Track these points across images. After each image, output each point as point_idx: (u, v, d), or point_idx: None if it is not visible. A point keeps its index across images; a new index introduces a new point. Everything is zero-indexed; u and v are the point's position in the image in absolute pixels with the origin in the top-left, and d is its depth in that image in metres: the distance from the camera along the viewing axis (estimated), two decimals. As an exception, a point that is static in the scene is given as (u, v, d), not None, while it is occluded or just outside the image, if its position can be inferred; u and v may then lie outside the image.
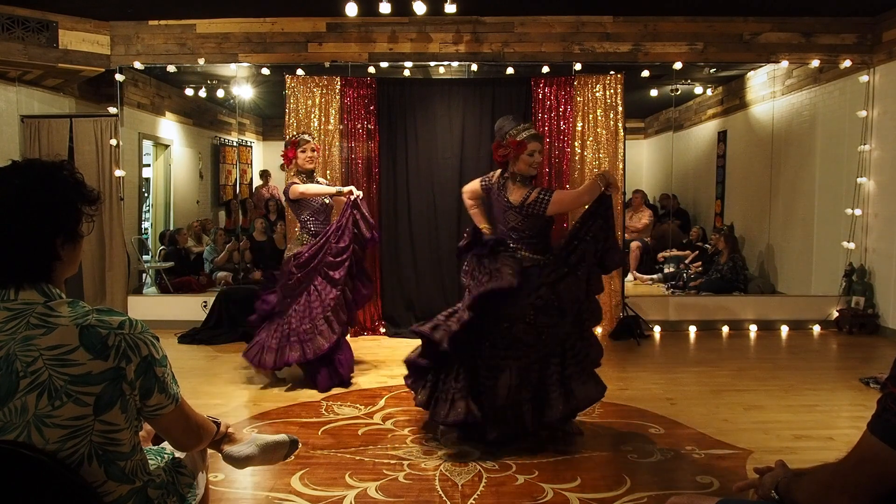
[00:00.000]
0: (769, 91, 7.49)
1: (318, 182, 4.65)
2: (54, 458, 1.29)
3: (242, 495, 2.86)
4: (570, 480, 2.95)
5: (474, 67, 6.42)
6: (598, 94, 6.30)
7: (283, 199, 7.38)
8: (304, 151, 4.52)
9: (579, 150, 6.29)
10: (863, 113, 6.37)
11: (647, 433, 3.57)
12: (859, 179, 6.43)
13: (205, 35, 6.33)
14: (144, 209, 7.83)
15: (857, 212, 6.44)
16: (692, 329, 6.49)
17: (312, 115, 6.25)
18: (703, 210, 9.00)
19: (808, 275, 7.11)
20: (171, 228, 8.08)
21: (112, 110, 6.46)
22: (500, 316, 3.30)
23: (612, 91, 6.30)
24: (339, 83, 6.26)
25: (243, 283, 6.98)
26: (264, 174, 9.49)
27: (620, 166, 6.26)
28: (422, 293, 6.41)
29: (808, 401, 4.19)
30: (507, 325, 3.29)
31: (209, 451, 1.85)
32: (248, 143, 9.60)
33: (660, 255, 8.17)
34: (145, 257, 7.59)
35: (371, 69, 6.42)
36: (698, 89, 8.48)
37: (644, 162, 10.29)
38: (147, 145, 7.82)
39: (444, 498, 2.78)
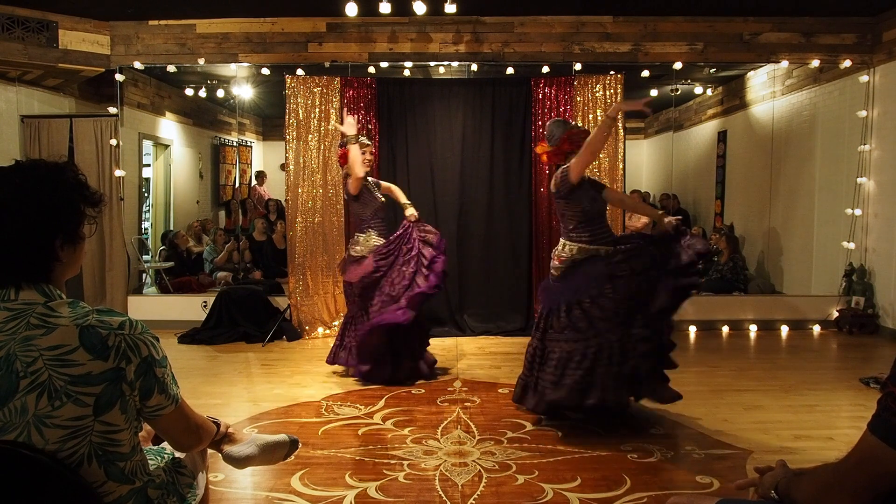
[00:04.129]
0: (769, 91, 7.48)
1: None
2: (54, 459, 1.29)
3: (242, 495, 2.86)
4: (570, 480, 2.95)
5: (474, 67, 6.42)
6: (598, 94, 6.30)
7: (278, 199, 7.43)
8: (363, 153, 4.54)
9: (579, 150, 6.28)
10: (863, 113, 6.37)
11: (647, 433, 3.57)
12: (859, 179, 6.43)
13: (205, 35, 6.33)
14: (144, 209, 7.83)
15: (857, 212, 6.44)
16: (692, 329, 6.49)
17: (312, 115, 6.25)
18: (703, 210, 8.99)
19: (808, 275, 7.11)
20: (172, 229, 8.08)
21: (112, 110, 6.45)
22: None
23: (612, 91, 6.30)
24: (339, 83, 6.26)
25: (243, 283, 6.98)
26: (260, 175, 9.51)
27: (620, 166, 6.27)
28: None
29: (808, 401, 4.19)
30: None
31: (209, 451, 1.85)
32: (248, 143, 9.61)
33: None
34: (145, 257, 7.59)
35: (371, 69, 6.42)
36: (698, 89, 8.47)
37: (644, 162, 10.28)
38: (147, 145, 7.82)
39: (444, 498, 2.78)
